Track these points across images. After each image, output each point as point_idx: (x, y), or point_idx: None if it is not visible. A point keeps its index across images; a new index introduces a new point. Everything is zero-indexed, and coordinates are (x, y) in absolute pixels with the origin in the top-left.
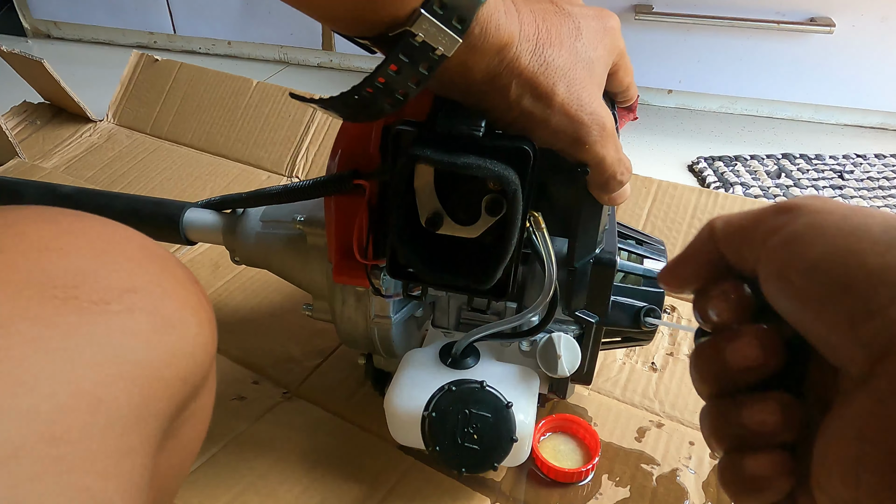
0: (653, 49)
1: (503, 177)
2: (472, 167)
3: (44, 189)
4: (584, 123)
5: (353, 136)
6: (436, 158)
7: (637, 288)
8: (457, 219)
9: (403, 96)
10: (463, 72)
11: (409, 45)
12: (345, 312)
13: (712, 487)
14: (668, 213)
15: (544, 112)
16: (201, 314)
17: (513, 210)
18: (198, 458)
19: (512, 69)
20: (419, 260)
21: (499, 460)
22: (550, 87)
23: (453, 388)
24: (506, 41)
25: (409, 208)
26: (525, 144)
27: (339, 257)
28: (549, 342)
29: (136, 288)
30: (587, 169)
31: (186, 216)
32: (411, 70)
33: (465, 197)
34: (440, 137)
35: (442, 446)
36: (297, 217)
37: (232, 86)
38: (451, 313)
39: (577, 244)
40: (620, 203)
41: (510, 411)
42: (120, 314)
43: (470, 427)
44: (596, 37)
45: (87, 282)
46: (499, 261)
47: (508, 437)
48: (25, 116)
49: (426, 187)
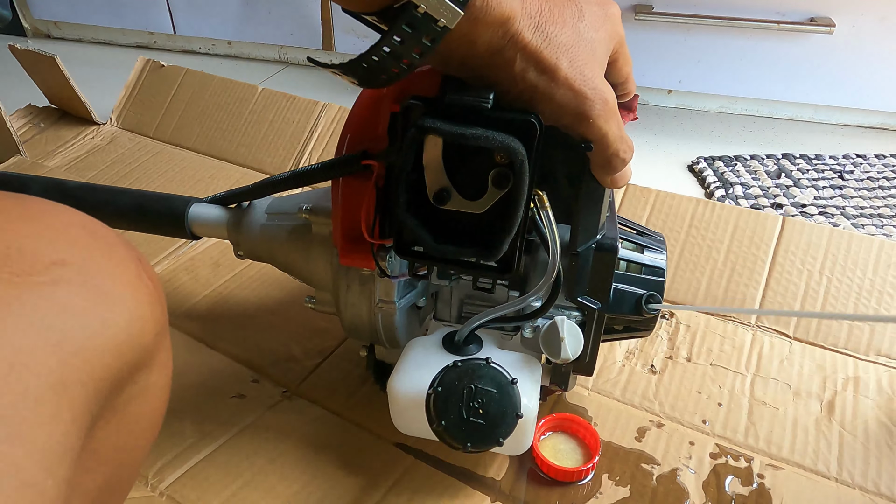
0: (653, 49)
1: (510, 147)
2: (480, 138)
3: (50, 184)
4: (588, 97)
5: (361, 121)
6: (445, 129)
7: (638, 276)
8: (464, 194)
9: (408, 65)
10: (467, 45)
11: (412, 17)
12: (349, 298)
13: (712, 487)
14: (667, 223)
15: (549, 85)
16: (140, 290)
17: (519, 182)
18: (197, 455)
19: (516, 43)
20: (426, 234)
21: (504, 435)
22: (554, 61)
23: (458, 363)
24: (508, 15)
25: (417, 184)
26: (531, 117)
27: (346, 240)
28: (552, 326)
29: (65, 261)
30: (591, 145)
31: (191, 210)
32: (414, 41)
33: (472, 171)
34: (449, 110)
35: (448, 421)
36: (304, 207)
37: (236, 92)
38: (454, 305)
39: (579, 228)
40: (622, 186)
41: (515, 387)
42: (45, 285)
43: (475, 402)
44: (598, 20)
45: (12, 255)
46: (505, 233)
47: (513, 413)
48: (30, 119)
49: (435, 161)
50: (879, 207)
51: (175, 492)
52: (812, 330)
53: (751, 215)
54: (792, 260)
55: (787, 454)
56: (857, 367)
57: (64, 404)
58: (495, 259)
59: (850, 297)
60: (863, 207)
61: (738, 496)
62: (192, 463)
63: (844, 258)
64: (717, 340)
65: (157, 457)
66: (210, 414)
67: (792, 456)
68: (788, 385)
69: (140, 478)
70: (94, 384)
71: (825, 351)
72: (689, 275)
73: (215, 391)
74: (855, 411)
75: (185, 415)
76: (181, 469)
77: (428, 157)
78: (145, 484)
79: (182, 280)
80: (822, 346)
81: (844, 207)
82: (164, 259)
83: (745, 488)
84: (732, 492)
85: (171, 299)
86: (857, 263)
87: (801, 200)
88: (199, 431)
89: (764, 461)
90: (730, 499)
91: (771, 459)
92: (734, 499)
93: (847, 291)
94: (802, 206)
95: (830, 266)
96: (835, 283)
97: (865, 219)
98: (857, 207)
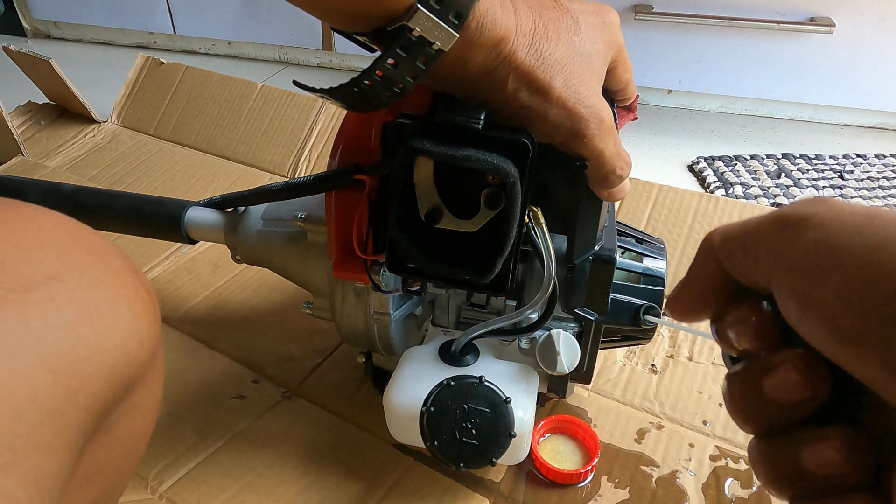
0: (653, 49)
1: (502, 169)
2: (471, 159)
3: (46, 187)
4: (583, 117)
5: (353, 132)
6: (435, 151)
7: (637, 286)
8: (456, 213)
9: (401, 89)
10: (460, 66)
11: (406, 40)
12: (344, 309)
13: (711, 490)
14: (669, 218)
15: (542, 105)
16: (136, 305)
17: (511, 203)
18: (197, 457)
19: (508, 63)
20: (418, 252)
21: (497, 455)
22: (547, 80)
23: (452, 382)
24: (502, 35)
25: (408, 202)
26: (524, 137)
27: (340, 253)
28: (548, 339)
29: (60, 276)
30: (586, 163)
31: (188, 215)
32: (409, 64)
33: (464, 191)
34: (440, 130)
35: (440, 441)
36: (299, 215)
37: (236, 89)
38: (451, 312)
39: (575, 241)
40: (619, 199)
41: (509, 406)
42: (40, 302)
43: (468, 422)
44: (594, 32)
45: (6, 270)
46: (498, 254)
47: (507, 433)
48: (30, 116)
49: (426, 181)
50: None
51: (174, 494)
52: None
53: (755, 209)
54: None
55: None
56: None
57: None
58: (488, 279)
59: None
60: None
61: (737, 499)
62: (192, 465)
63: None
64: None
65: (157, 459)
66: (210, 415)
67: None
68: None
69: (139, 480)
70: (89, 405)
71: None
72: None
73: (215, 392)
74: None
75: (185, 416)
76: (180, 471)
77: (419, 176)
78: (145, 486)
79: (183, 281)
80: None
81: None
82: (165, 259)
83: (744, 491)
84: (732, 494)
85: (171, 300)
86: None
87: None
88: (199, 433)
89: None
90: (729, 501)
91: None
92: (734, 501)
93: None
94: None
95: None
96: None
97: None
98: None
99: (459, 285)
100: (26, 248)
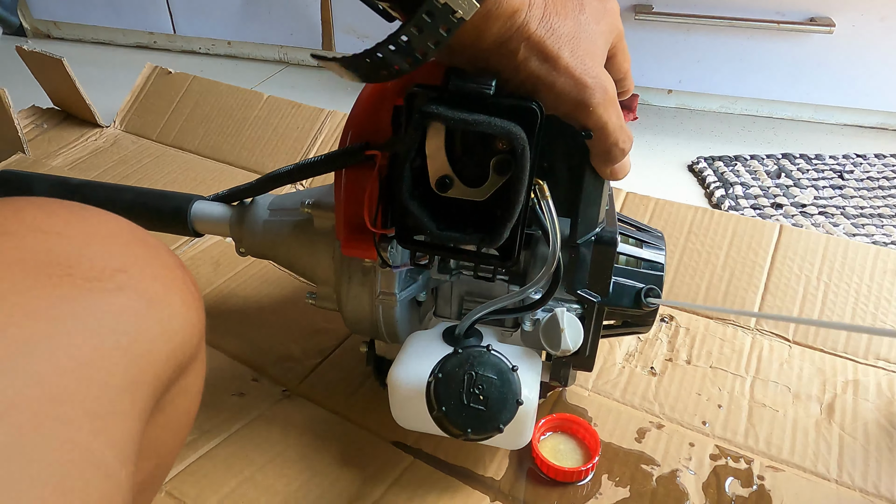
0: (653, 49)
1: (512, 133)
2: (483, 123)
3: (54, 181)
4: (588, 86)
5: (362, 118)
6: (448, 115)
7: (637, 270)
8: (466, 181)
9: (422, 56)
10: (475, 36)
11: (432, 6)
12: (350, 290)
13: (712, 489)
14: (666, 229)
15: (550, 74)
16: (187, 296)
17: (520, 168)
18: (196, 452)
19: (521, 34)
20: (429, 220)
21: (505, 422)
22: (556, 50)
23: (459, 350)
24: (517, 7)
25: (419, 172)
26: (533, 104)
27: (348, 230)
28: (552, 318)
29: (126, 269)
30: (590, 133)
31: (194, 208)
32: (432, 31)
33: (473, 159)
34: (452, 97)
35: (448, 407)
36: (306, 201)
37: (242, 98)
38: (454, 302)
39: (579, 220)
40: (621, 178)
41: (516, 374)
42: (111, 291)
43: (476, 388)
44: (597, 13)
45: (81, 262)
46: (506, 220)
47: (514, 399)
48: (33, 120)
49: (437, 149)
50: (879, 207)
51: (174, 488)
52: (811, 334)
53: (749, 222)
54: (790, 266)
55: (787, 456)
56: (856, 371)
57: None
58: (497, 246)
59: (847, 303)
60: (863, 207)
61: (738, 497)
62: (192, 460)
63: (841, 264)
64: (716, 343)
65: None
66: (210, 412)
67: (792, 458)
68: (788, 388)
69: None
70: (153, 384)
71: (824, 354)
72: (688, 279)
73: (215, 389)
74: (855, 414)
75: None
76: (180, 465)
77: (430, 144)
78: None
79: None
80: (822, 350)
81: (844, 207)
82: None
83: (744, 490)
84: (732, 493)
85: None
86: (854, 270)
87: (801, 200)
88: (199, 429)
89: (764, 463)
90: (730, 500)
91: (771, 461)
92: (734, 500)
93: (845, 297)
94: (802, 205)
95: (828, 272)
96: (832, 289)
97: (865, 219)
98: (857, 207)
99: (467, 255)
100: (98, 244)
